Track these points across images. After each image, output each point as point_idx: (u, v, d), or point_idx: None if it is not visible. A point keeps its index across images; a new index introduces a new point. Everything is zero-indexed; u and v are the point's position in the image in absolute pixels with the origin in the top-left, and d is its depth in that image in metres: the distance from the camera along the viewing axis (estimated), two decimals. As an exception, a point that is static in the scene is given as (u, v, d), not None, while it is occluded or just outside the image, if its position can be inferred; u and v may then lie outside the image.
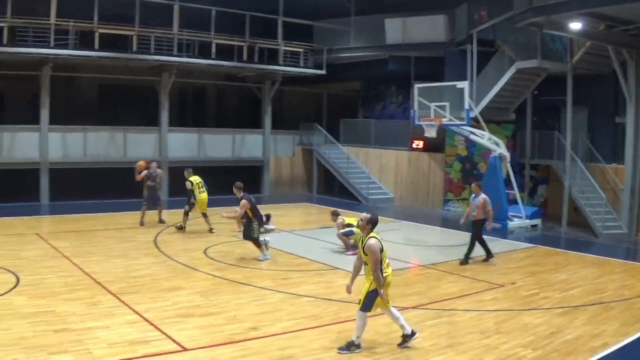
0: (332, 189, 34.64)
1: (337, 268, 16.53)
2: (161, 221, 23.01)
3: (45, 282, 14.17)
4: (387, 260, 10.45)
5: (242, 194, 17.44)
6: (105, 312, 11.94)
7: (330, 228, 20.16)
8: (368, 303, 10.25)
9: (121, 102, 32.98)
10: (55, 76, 28.38)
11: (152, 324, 11.27)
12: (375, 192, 32.27)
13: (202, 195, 21.63)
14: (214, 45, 31.13)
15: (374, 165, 33.65)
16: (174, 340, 10.48)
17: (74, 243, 18.98)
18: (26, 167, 28.02)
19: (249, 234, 17.30)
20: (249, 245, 17.65)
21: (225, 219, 18.30)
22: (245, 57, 32.25)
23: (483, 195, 17.57)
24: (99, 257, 16.99)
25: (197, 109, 38.13)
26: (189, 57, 30.46)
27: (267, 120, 35.09)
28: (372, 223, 10.50)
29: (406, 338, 10.54)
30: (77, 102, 32.12)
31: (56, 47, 26.90)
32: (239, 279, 15.00)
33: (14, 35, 26.15)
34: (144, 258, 17.18)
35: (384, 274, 10.27)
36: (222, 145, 33.80)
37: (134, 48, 28.90)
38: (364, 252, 10.31)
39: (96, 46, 27.84)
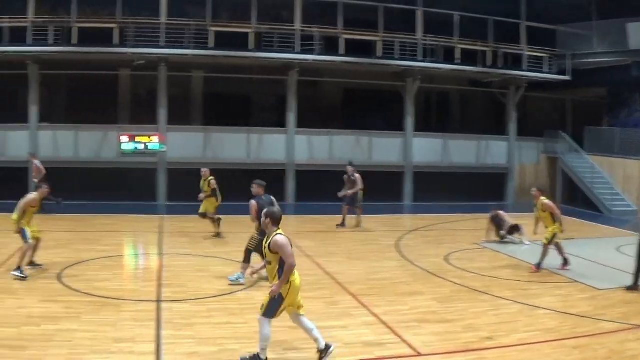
0: (575, 199, 33.32)
1: (577, 281, 15.73)
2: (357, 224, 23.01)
3: (287, 279, 14.52)
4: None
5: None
6: (344, 312, 12.09)
7: (574, 240, 19.28)
8: (272, 308, 9.25)
9: (365, 106, 33.44)
10: (301, 80, 29.25)
11: (388, 327, 11.23)
12: (619, 204, 30.40)
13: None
14: (457, 51, 30.87)
15: (618, 176, 31.81)
16: (409, 345, 10.38)
17: (317, 243, 19.49)
18: (273, 168, 29.01)
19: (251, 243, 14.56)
20: (489, 254, 17.24)
21: None
22: (489, 62, 31.72)
23: None
24: (340, 258, 17.24)
25: (441, 114, 37.97)
26: (432, 62, 30.33)
27: (512, 127, 34.19)
28: (271, 217, 9.46)
29: (322, 353, 9.52)
30: (322, 106, 32.92)
31: (302, 52, 27.69)
32: (478, 287, 14.65)
33: (260, 41, 27.15)
34: (385, 261, 17.22)
35: (290, 279, 9.23)
36: (467, 151, 33.31)
37: (379, 53, 29.19)
38: (270, 250, 9.25)
39: (341, 51, 28.39)
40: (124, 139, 27.96)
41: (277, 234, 9.30)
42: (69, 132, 28.41)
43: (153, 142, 28.00)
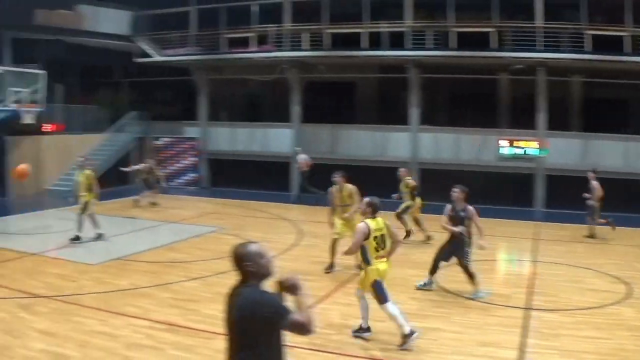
0: None
1: None
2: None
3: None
4: (378, 253, 10.35)
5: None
6: None
7: None
8: (379, 294, 10.25)
9: None
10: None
11: None
12: None
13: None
14: None
15: None
16: None
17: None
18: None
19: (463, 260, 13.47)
20: None
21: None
22: None
23: None
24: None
25: None
26: None
27: None
28: (371, 206, 10.59)
29: (359, 331, 10.69)
30: None
31: None
32: None
33: (637, 44, 25.93)
34: None
35: (371, 265, 10.28)
36: None
37: None
38: None
39: None
40: (503, 143, 28.14)
41: (361, 222, 10.50)
42: (449, 134, 29.27)
43: (532, 147, 27.86)
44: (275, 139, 32.13)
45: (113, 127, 34.30)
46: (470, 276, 13.27)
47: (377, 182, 20.20)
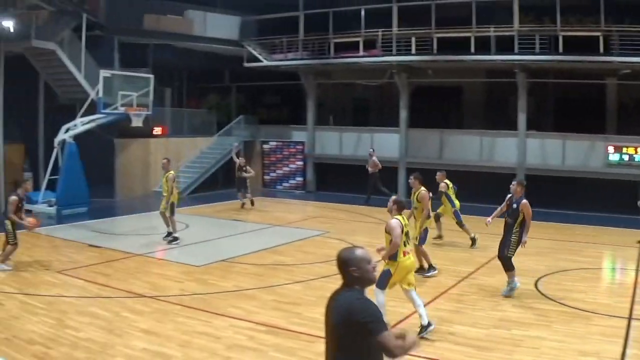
0: None
1: None
2: None
3: None
4: (405, 248, 11.04)
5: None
6: None
7: None
8: (382, 280, 10.85)
9: None
10: None
11: None
12: None
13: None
14: None
15: None
16: None
17: None
18: None
19: (505, 250, 13.70)
20: None
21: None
22: None
23: None
24: None
25: None
26: None
27: None
28: (397, 204, 11.25)
29: (422, 329, 10.84)
30: None
31: None
32: None
33: None
34: None
35: (396, 260, 10.95)
36: None
37: None
38: (385, 231, 11.12)
39: None
40: (611, 149, 27.63)
41: (393, 218, 11.12)
42: (556, 140, 28.88)
43: (639, 153, 27.25)
44: (382, 144, 32.23)
45: (221, 131, 35.24)
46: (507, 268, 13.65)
47: (484, 187, 20.26)
